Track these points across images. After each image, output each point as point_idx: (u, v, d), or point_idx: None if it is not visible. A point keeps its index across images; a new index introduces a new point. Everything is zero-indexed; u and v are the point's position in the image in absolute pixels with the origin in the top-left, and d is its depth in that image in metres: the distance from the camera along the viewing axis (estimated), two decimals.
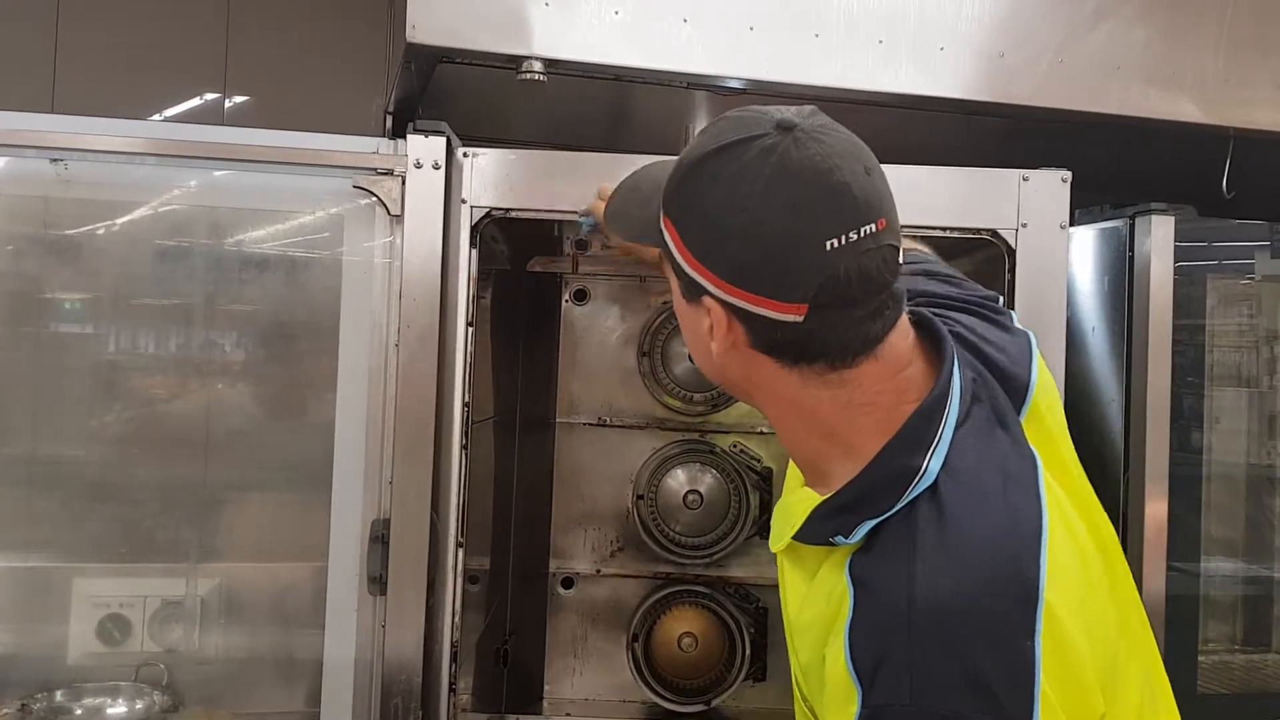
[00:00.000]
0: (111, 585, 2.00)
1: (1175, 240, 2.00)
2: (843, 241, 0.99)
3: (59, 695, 1.95)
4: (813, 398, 1.08)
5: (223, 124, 3.16)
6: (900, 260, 1.05)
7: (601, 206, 1.74)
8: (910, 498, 1.03)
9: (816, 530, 1.10)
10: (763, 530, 2.97)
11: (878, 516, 1.04)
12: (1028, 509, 1.03)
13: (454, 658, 1.83)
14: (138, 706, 1.96)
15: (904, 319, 1.09)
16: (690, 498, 2.92)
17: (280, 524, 2.07)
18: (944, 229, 1.86)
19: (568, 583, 3.01)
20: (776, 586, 3.08)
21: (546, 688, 2.97)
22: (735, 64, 1.92)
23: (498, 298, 2.47)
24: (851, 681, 0.98)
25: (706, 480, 2.94)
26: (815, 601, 1.09)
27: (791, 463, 1.23)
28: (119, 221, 1.97)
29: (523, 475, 2.85)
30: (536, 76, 1.84)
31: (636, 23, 1.88)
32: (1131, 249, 2.02)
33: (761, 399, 1.14)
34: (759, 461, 3.00)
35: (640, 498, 2.94)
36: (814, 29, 1.91)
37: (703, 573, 2.97)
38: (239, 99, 3.27)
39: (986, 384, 1.12)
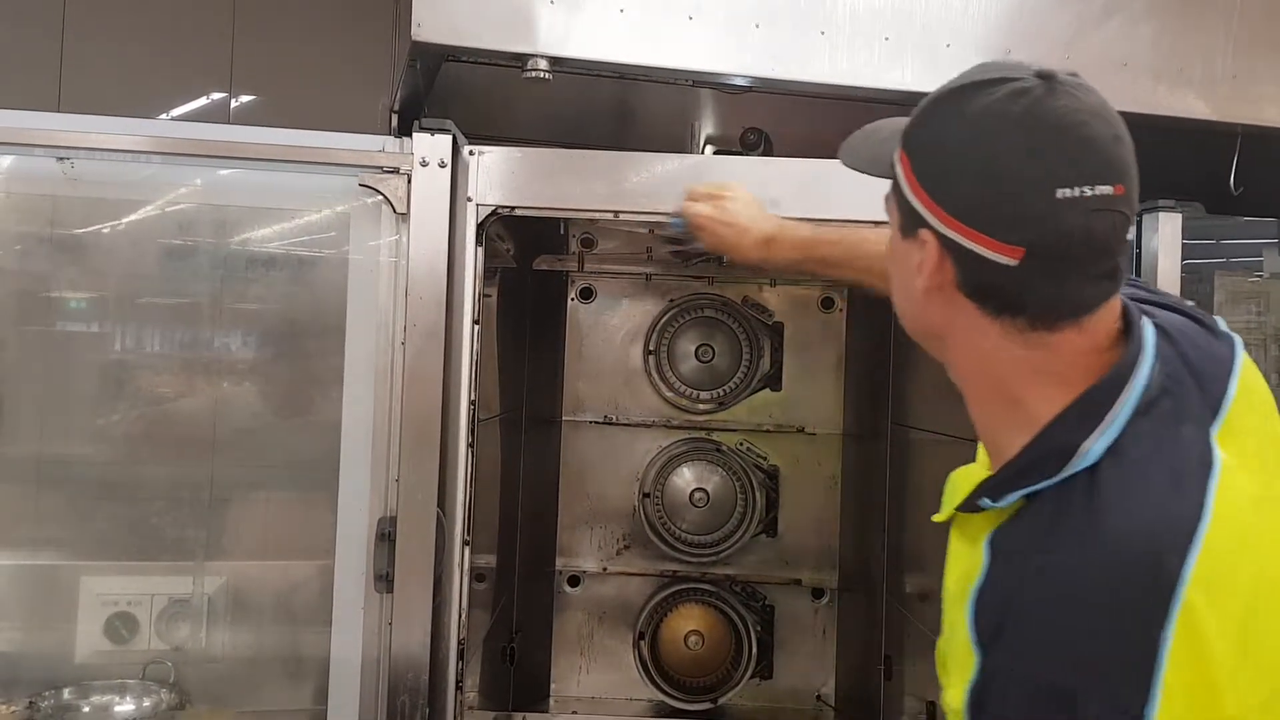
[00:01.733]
0: (119, 583, 2.01)
1: (1183, 237, 1.99)
2: (1074, 194, 0.98)
3: (67, 693, 1.96)
4: (1006, 356, 1.07)
5: (229, 123, 3.16)
6: (1130, 235, 1.03)
7: (683, 206, 1.77)
8: (1065, 475, 1.02)
9: (974, 498, 1.09)
10: (769, 529, 2.97)
11: (1028, 487, 1.03)
12: (1187, 509, 1.00)
13: (460, 655, 1.83)
14: (145, 704, 1.96)
15: (1117, 301, 1.07)
16: (697, 496, 2.92)
17: (287, 522, 2.07)
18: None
19: (574, 581, 3.01)
20: (782, 584, 3.09)
21: (553, 685, 2.97)
22: (741, 61, 1.91)
23: (503, 296, 2.47)
24: (971, 645, 0.99)
25: (713, 478, 2.94)
26: (962, 574, 1.08)
27: (980, 446, 1.21)
28: (125, 220, 1.97)
29: (529, 473, 2.85)
30: (542, 75, 1.84)
31: (642, 20, 1.87)
32: (1139, 245, 2.02)
33: (955, 351, 1.13)
34: (766, 460, 2.99)
35: (646, 496, 2.94)
36: (820, 26, 1.91)
37: (709, 571, 2.97)
38: (245, 98, 3.27)
39: (1180, 381, 1.08)
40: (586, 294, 3.01)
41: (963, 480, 1.15)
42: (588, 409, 3.01)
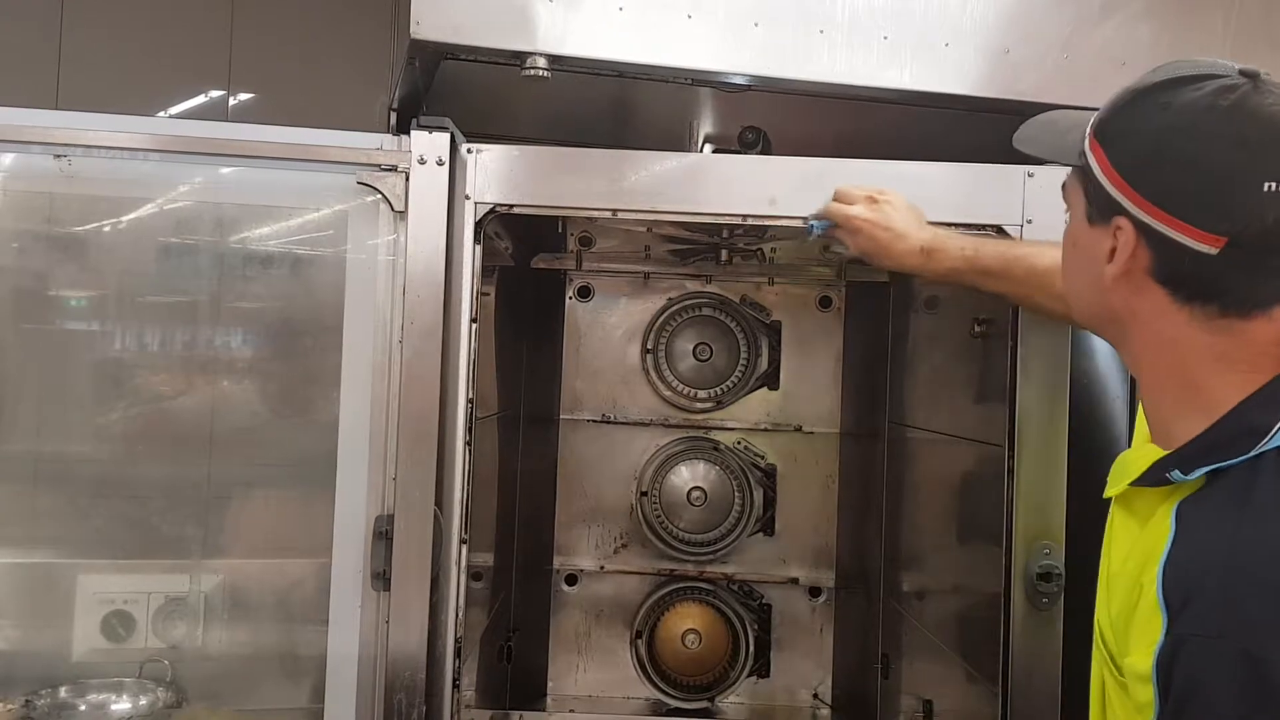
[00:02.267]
0: (116, 581, 2.00)
1: None
2: (1279, 188, 1.02)
3: (63, 691, 1.95)
4: (1190, 342, 1.10)
5: (227, 121, 3.16)
6: None
7: (834, 208, 1.77)
8: (1257, 452, 1.05)
9: (1155, 473, 1.11)
10: (766, 527, 2.97)
11: (1219, 463, 1.06)
12: None
13: (458, 654, 1.83)
14: (141, 703, 1.96)
15: None
16: (694, 494, 2.92)
17: (284, 520, 2.07)
18: (950, 224, 1.86)
19: (571, 579, 3.01)
20: (779, 583, 3.08)
21: (550, 684, 2.97)
22: (740, 60, 1.91)
23: (501, 294, 2.47)
24: (1159, 610, 1.00)
25: (710, 477, 2.94)
26: (1140, 547, 1.10)
27: (1140, 418, 1.24)
28: (123, 219, 1.97)
29: (526, 472, 2.85)
30: (541, 73, 1.84)
31: (641, 19, 1.87)
32: None
33: (1135, 335, 1.16)
34: (763, 459, 2.99)
35: (644, 494, 2.94)
36: (819, 25, 1.91)
37: (706, 569, 2.97)
38: (243, 96, 3.27)
39: None
40: (584, 293, 3.01)
41: (1135, 459, 1.18)
42: (585, 407, 3.01)
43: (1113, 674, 1.12)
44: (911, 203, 1.78)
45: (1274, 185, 1.02)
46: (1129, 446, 2.01)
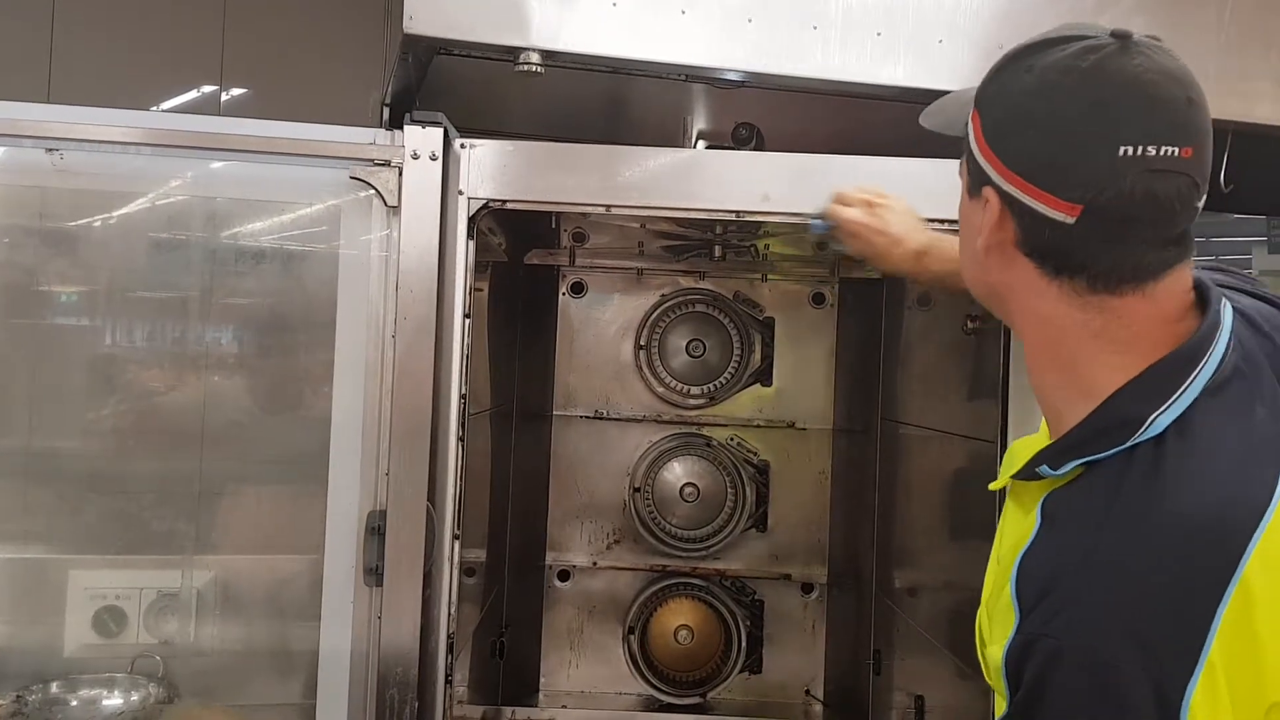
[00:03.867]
0: (107, 577, 2.00)
1: None
2: (1137, 152, 0.97)
3: (54, 687, 1.95)
4: (1065, 319, 1.05)
5: (220, 116, 3.15)
6: (1199, 204, 1.00)
7: (833, 209, 1.75)
8: (1127, 446, 1.00)
9: (1029, 467, 1.07)
10: (759, 523, 2.98)
11: (1089, 456, 1.01)
12: (1256, 490, 0.97)
13: (450, 649, 1.83)
14: (133, 698, 1.96)
15: (1187, 272, 1.04)
16: (687, 491, 2.93)
17: (276, 516, 2.06)
18: (943, 220, 1.86)
19: (564, 575, 3.01)
20: (771, 579, 3.08)
21: (542, 679, 2.98)
22: (733, 56, 1.91)
23: (495, 290, 2.47)
24: (1012, 607, 0.98)
25: (703, 473, 2.95)
26: (1013, 538, 1.07)
27: (1043, 421, 1.18)
28: (115, 213, 1.97)
29: (519, 468, 2.85)
30: (534, 68, 1.83)
31: (635, 14, 1.87)
32: None
33: (1016, 313, 1.11)
34: (756, 455, 3.00)
35: (637, 490, 2.94)
36: (812, 21, 1.91)
37: (699, 565, 2.97)
38: (236, 91, 3.26)
39: (1256, 365, 1.06)
40: (578, 289, 3.01)
41: (1022, 449, 1.13)
42: (579, 404, 3.01)
43: (982, 665, 1.08)
44: (910, 206, 1.77)
45: (1131, 150, 0.97)
46: None
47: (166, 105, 3.23)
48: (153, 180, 1.91)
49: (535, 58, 1.83)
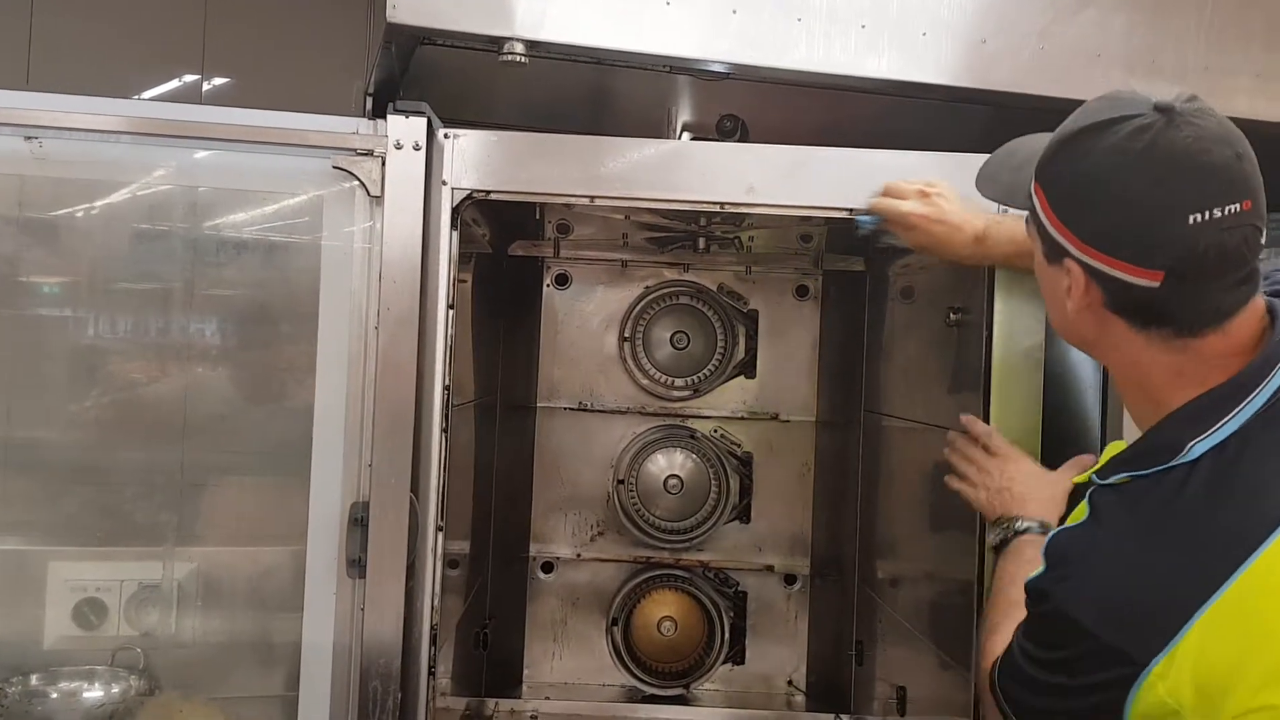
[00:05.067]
0: (88, 569, 1.99)
1: None
2: (1205, 217, 1.08)
3: (34, 679, 1.94)
4: (1153, 362, 1.19)
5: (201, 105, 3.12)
6: (1263, 241, 1.13)
7: (886, 204, 1.76)
8: (1164, 468, 1.15)
9: (1102, 471, 1.24)
10: (742, 515, 2.98)
11: (1134, 472, 1.18)
12: (1261, 524, 1.09)
13: (433, 641, 1.83)
14: (114, 691, 1.95)
15: (1259, 301, 1.17)
16: (671, 482, 2.93)
17: (259, 507, 2.05)
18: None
19: (548, 567, 3.01)
20: (755, 570, 3.09)
21: (526, 671, 2.98)
22: (718, 48, 1.91)
23: (478, 281, 2.46)
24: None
25: (687, 465, 2.95)
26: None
27: None
28: (96, 203, 1.95)
29: (503, 459, 2.85)
30: (518, 58, 1.83)
31: (620, 4, 1.87)
32: None
33: (1107, 357, 1.26)
34: (740, 447, 3.00)
35: (621, 482, 2.94)
36: (797, 13, 1.91)
37: (682, 557, 2.97)
38: (218, 81, 3.24)
39: None
40: (562, 280, 3.00)
41: (1106, 454, 1.32)
42: (562, 395, 3.01)
43: None
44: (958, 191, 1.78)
45: (1199, 216, 1.08)
46: (1100, 433, 2.04)
47: (148, 94, 3.20)
48: (134, 169, 1.90)
49: (519, 48, 1.83)
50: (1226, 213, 1.09)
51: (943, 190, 1.75)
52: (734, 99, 2.24)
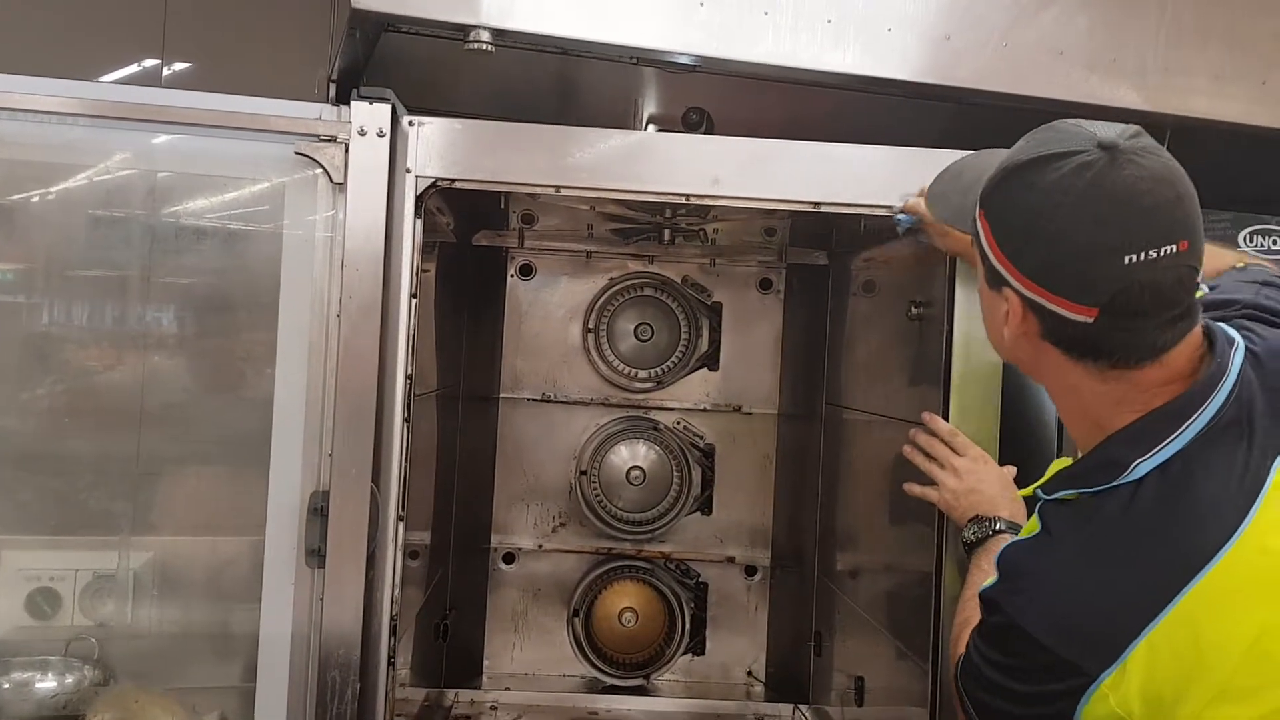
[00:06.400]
0: (41, 558, 1.96)
1: None
2: (1141, 258, 1.10)
3: None
4: (1090, 390, 1.20)
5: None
6: (1199, 280, 1.15)
7: (923, 205, 1.75)
8: (1110, 485, 1.18)
9: (1047, 486, 1.28)
10: (704, 507, 3.00)
11: (1081, 489, 1.21)
12: (1209, 539, 1.12)
13: (393, 631, 1.82)
14: (67, 681, 1.92)
15: (1196, 331, 1.19)
16: (633, 474, 2.93)
17: (217, 497, 2.03)
18: (890, 207, 1.88)
19: (509, 558, 3.00)
20: (716, 562, 3.09)
21: (486, 662, 2.97)
22: (684, 39, 1.91)
23: (442, 271, 2.45)
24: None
25: (650, 457, 2.96)
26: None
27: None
28: (53, 189, 1.92)
29: (465, 450, 2.84)
30: (484, 47, 1.82)
31: None
32: None
33: (1045, 381, 1.28)
34: (702, 439, 3.01)
35: (583, 473, 2.94)
36: (764, 7, 1.91)
37: (644, 548, 2.98)
38: (178, 66, 3.18)
39: (1252, 408, 1.18)
40: (526, 271, 2.99)
41: (1051, 470, 1.33)
42: (526, 386, 3.00)
43: None
44: None
45: (1135, 257, 1.10)
46: (1058, 434, 2.07)
47: (106, 79, 3.15)
48: (91, 153, 1.87)
49: (485, 36, 1.82)
50: (1163, 253, 1.10)
51: None
52: (700, 92, 2.24)
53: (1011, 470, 1.76)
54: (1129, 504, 1.16)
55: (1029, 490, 1.33)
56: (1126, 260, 1.10)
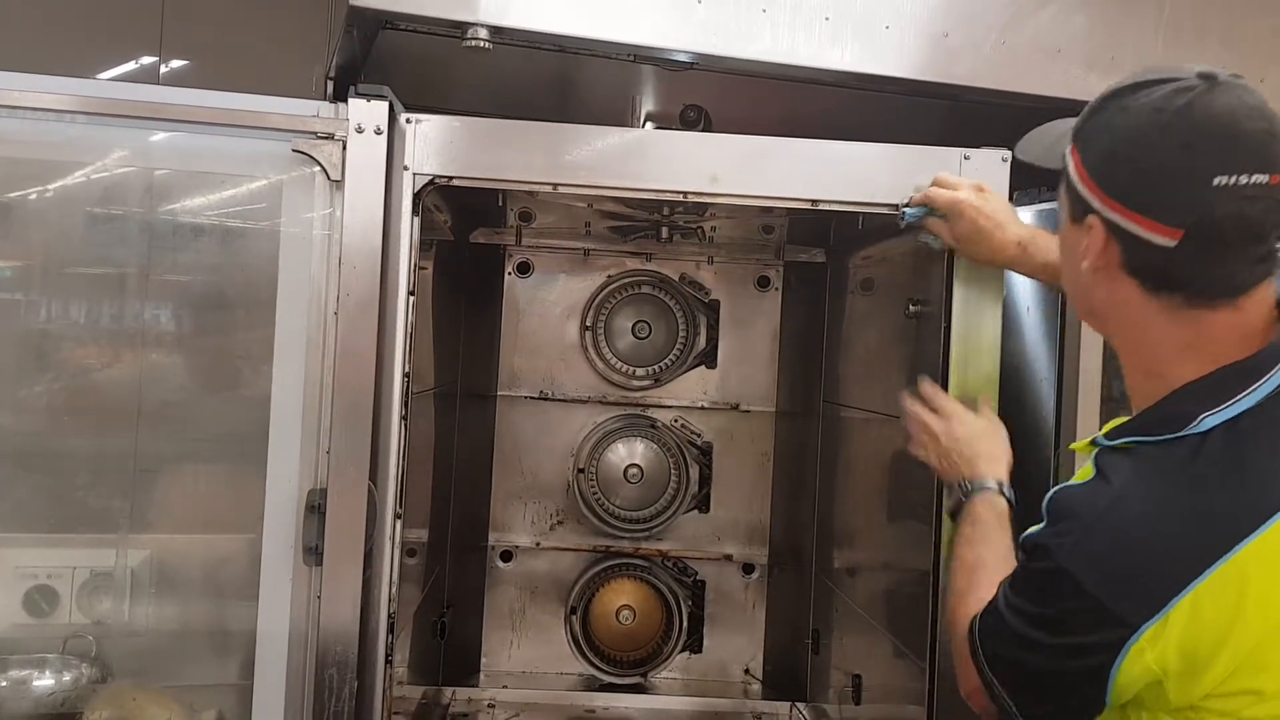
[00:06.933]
0: (39, 555, 1.96)
1: None
2: (1230, 183, 1.10)
3: None
4: (1160, 332, 1.20)
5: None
6: None
7: (938, 191, 1.78)
8: (1175, 436, 1.16)
9: (1108, 435, 1.25)
10: (702, 504, 3.00)
11: (1144, 438, 1.18)
12: (1271, 499, 1.11)
13: (390, 629, 1.82)
14: (65, 679, 1.92)
15: (1273, 286, 1.18)
16: (631, 471, 2.93)
17: (214, 495, 2.03)
18: (888, 205, 1.88)
19: (507, 556, 3.00)
20: (713, 560, 3.10)
21: (484, 660, 2.97)
22: (682, 37, 1.91)
23: (439, 268, 2.45)
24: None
25: (647, 454, 2.96)
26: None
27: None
28: (50, 186, 1.92)
29: (463, 448, 2.84)
30: (482, 44, 1.82)
31: None
32: None
33: (1115, 328, 1.27)
34: (700, 436, 3.01)
35: (581, 471, 2.94)
36: (761, 4, 1.91)
37: (642, 546, 2.98)
38: (176, 64, 3.19)
39: None
40: (524, 269, 2.99)
41: (1108, 426, 1.30)
42: (523, 384, 3.00)
43: None
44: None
45: (1224, 180, 1.10)
46: (1055, 425, 2.07)
47: (104, 76, 3.15)
48: (89, 150, 1.86)
49: (483, 33, 1.81)
50: (1252, 181, 1.10)
51: (991, 191, 1.79)
52: (697, 90, 2.24)
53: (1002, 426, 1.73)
54: (1192, 456, 1.14)
55: (1084, 443, 1.31)
56: (1215, 182, 1.10)
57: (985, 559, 1.47)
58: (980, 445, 1.66)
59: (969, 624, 1.31)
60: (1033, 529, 1.22)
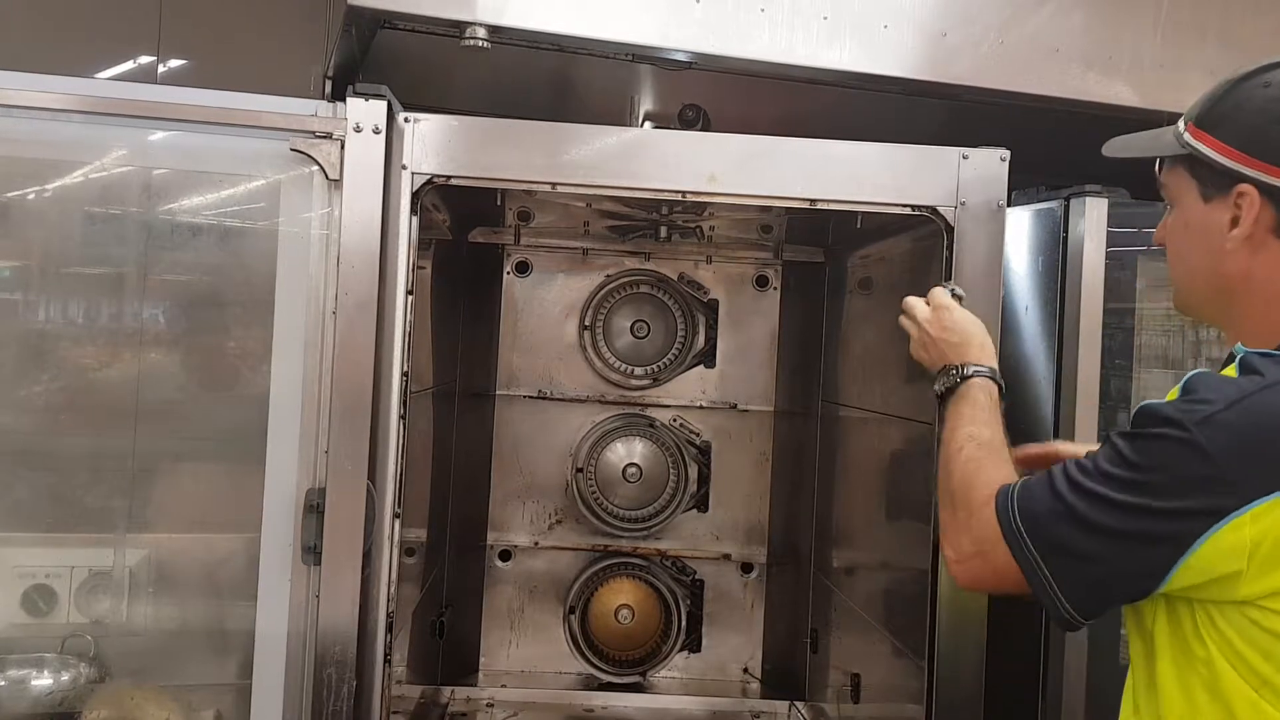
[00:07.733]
0: (37, 555, 1.96)
1: (1108, 223, 2.03)
2: None
3: None
4: None
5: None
6: None
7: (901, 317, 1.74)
8: None
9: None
10: (700, 504, 3.00)
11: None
12: None
13: (389, 628, 1.82)
14: (63, 678, 1.92)
15: None
16: (630, 471, 2.93)
17: (213, 494, 2.03)
18: (886, 204, 1.88)
19: (505, 555, 3.00)
20: (712, 559, 3.10)
21: (482, 659, 2.97)
22: (681, 36, 1.91)
23: (438, 268, 2.45)
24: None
25: (646, 454, 2.96)
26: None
27: None
28: (48, 185, 1.92)
29: (461, 447, 2.83)
30: (480, 43, 1.82)
31: None
32: (1065, 230, 2.06)
33: (1244, 300, 1.30)
34: (698, 436, 3.01)
35: (580, 471, 2.94)
36: (759, 4, 1.91)
37: (640, 545, 2.98)
38: (174, 63, 3.19)
39: None
40: (522, 268, 2.99)
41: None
42: (522, 383, 3.00)
43: None
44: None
45: None
46: (1054, 424, 2.07)
47: (102, 76, 3.15)
48: (87, 150, 1.86)
49: (481, 32, 1.81)
50: None
51: (947, 309, 1.70)
52: (696, 89, 2.24)
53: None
54: None
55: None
56: None
57: (991, 439, 1.44)
58: (973, 332, 1.63)
59: (998, 499, 1.28)
60: (1158, 401, 1.21)
